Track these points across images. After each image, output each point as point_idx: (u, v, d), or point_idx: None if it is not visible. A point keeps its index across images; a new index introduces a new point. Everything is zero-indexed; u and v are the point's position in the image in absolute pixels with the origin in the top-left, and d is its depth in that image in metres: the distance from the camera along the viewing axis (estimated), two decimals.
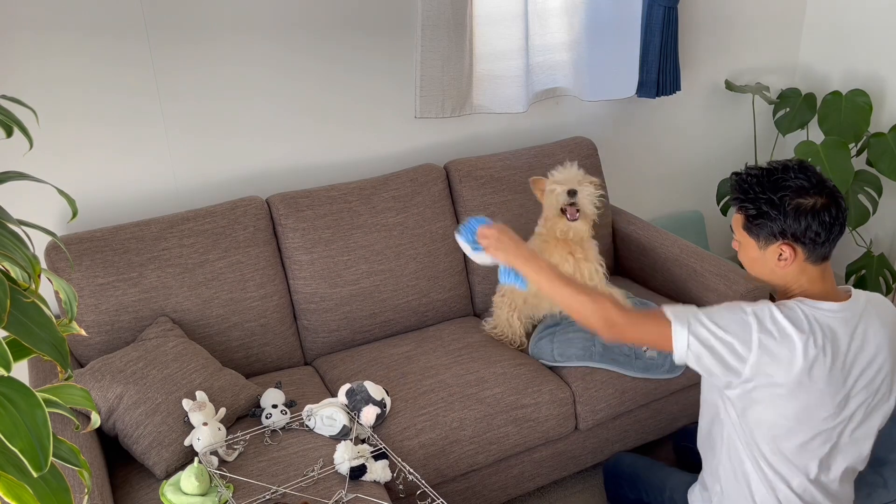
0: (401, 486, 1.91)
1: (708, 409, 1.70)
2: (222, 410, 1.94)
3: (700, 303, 2.51)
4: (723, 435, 1.64)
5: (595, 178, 2.31)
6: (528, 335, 2.41)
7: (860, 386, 1.53)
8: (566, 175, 2.27)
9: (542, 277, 1.61)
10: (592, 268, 2.33)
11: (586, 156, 2.78)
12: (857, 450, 1.58)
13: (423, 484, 1.83)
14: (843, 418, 1.53)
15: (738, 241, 1.60)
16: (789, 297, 1.57)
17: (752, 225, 1.54)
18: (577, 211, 2.25)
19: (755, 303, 1.52)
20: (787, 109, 3.16)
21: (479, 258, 1.72)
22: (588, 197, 2.25)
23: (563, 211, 2.26)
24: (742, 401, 1.53)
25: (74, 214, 1.10)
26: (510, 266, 1.66)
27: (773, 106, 3.21)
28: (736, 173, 1.58)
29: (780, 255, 1.52)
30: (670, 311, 1.53)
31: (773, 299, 1.62)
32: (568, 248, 2.30)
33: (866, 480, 1.75)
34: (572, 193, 2.23)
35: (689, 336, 1.48)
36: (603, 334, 1.56)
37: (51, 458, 0.86)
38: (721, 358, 1.48)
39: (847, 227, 1.91)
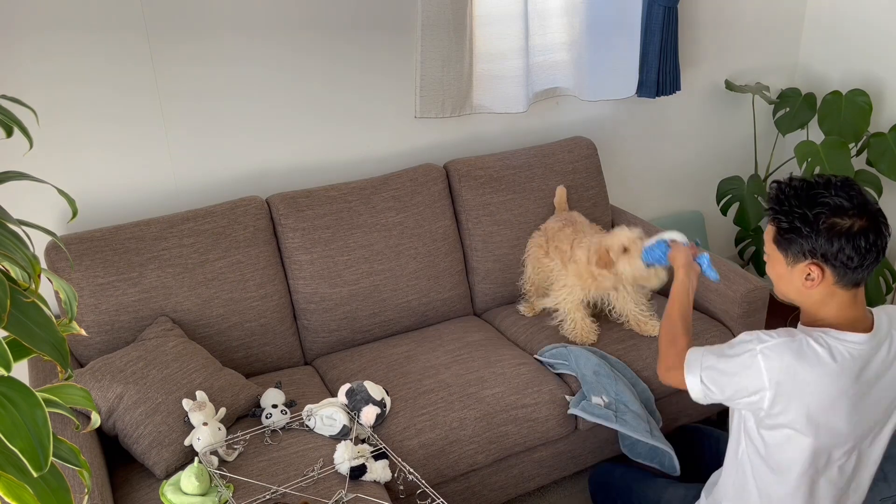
0: (401, 486, 1.91)
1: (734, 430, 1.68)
2: (222, 410, 1.94)
3: (699, 303, 2.52)
4: (741, 450, 1.62)
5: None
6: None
7: (881, 408, 1.52)
8: (630, 240, 2.21)
9: (683, 286, 1.84)
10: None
11: (586, 156, 2.77)
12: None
13: (423, 484, 1.83)
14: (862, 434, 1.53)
15: (768, 254, 1.53)
16: (816, 324, 1.51)
17: (781, 239, 1.46)
18: None
19: (773, 343, 1.47)
20: (787, 109, 3.16)
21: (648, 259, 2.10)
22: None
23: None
24: (763, 423, 1.53)
25: (74, 214, 1.10)
26: (672, 261, 1.96)
27: (773, 106, 3.21)
28: (776, 182, 1.50)
29: (808, 274, 1.44)
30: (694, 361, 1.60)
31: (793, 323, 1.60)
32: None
33: None
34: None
35: (702, 386, 1.57)
36: (659, 368, 1.71)
37: (51, 458, 0.86)
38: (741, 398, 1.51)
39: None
